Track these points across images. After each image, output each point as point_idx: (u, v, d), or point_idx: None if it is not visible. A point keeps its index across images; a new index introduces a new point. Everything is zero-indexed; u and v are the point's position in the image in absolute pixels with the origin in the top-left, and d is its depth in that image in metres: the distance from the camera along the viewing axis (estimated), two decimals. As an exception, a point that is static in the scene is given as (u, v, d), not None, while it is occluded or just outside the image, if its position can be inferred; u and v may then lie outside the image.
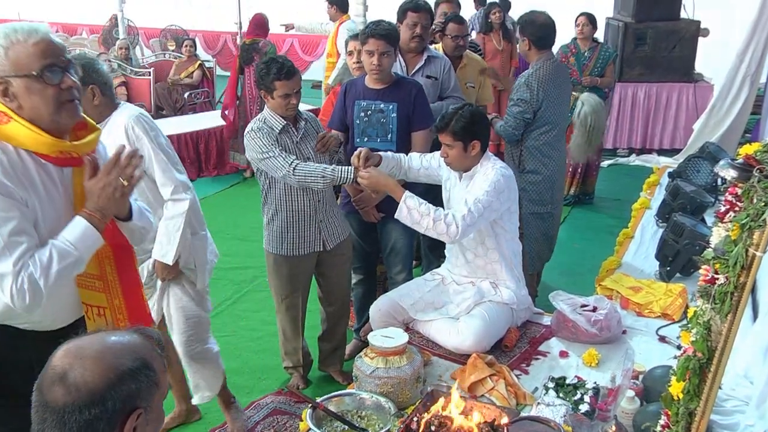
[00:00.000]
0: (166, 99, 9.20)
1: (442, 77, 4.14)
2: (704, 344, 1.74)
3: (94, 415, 1.17)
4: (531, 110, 4.00)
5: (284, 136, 3.28)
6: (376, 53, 3.42)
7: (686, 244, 3.49)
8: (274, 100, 3.23)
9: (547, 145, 4.06)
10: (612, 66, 6.38)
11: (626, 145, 8.19)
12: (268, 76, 3.18)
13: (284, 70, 3.16)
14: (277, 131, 3.26)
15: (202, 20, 12.85)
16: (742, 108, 6.89)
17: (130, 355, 1.23)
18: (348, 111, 3.64)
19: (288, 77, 3.18)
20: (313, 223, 3.40)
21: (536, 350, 2.95)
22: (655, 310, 3.24)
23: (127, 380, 1.20)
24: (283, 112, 3.26)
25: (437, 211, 2.84)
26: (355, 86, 3.67)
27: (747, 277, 1.65)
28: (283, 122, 3.27)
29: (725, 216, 1.88)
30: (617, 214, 5.90)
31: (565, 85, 4.17)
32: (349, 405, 2.45)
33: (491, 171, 2.96)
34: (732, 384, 2.50)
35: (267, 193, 3.43)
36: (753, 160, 1.77)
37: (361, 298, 4.03)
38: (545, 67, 4.04)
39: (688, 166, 4.82)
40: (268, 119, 3.29)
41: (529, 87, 3.99)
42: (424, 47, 4.15)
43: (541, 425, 2.16)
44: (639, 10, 7.81)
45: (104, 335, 1.24)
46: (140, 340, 1.27)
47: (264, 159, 3.21)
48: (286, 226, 3.40)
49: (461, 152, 2.96)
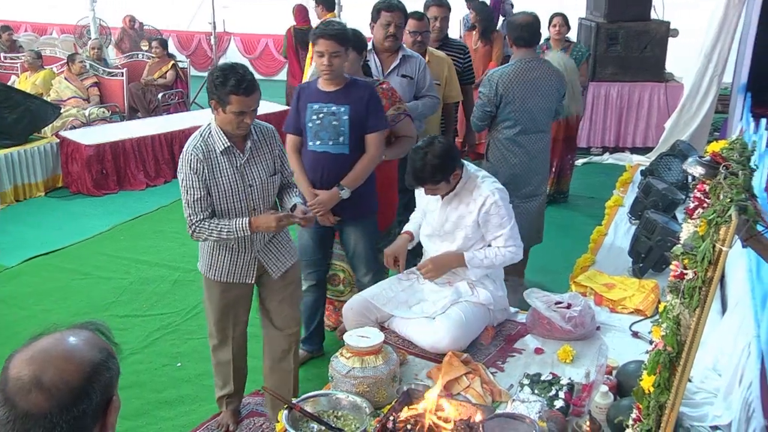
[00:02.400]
0: (140, 100, 9.10)
1: (417, 76, 4.15)
2: (674, 338, 1.77)
3: (81, 410, 1.17)
4: (491, 104, 4.12)
5: (225, 158, 2.88)
6: (326, 54, 3.30)
7: (658, 240, 3.54)
8: (225, 115, 2.81)
9: (510, 140, 4.14)
10: (585, 65, 6.45)
11: (600, 144, 8.27)
12: (224, 86, 2.76)
13: (243, 84, 2.76)
14: (217, 152, 2.87)
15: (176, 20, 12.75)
16: (711, 107, 7.02)
17: (95, 348, 1.24)
18: (301, 114, 3.52)
19: (247, 93, 2.77)
20: (249, 254, 3.07)
21: (512, 347, 2.97)
22: (628, 306, 3.28)
23: (102, 371, 1.21)
24: (231, 129, 2.86)
25: (496, 258, 3.06)
26: (308, 89, 3.56)
27: (714, 271, 1.68)
28: (227, 143, 2.87)
29: (694, 212, 1.91)
30: (591, 212, 5.95)
31: (539, 86, 4.15)
32: (325, 405, 2.45)
33: (489, 197, 2.99)
34: (701, 377, 2.55)
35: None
36: (719, 157, 1.81)
37: (310, 307, 3.87)
38: (516, 66, 4.12)
39: (660, 164, 4.89)
40: (210, 137, 2.88)
41: (490, 82, 4.12)
42: (399, 47, 4.15)
43: (516, 422, 2.18)
44: (611, 11, 7.89)
45: (59, 336, 1.24)
46: (92, 333, 1.28)
47: (183, 195, 2.89)
48: (218, 250, 3.06)
49: (447, 186, 3.02)
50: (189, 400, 3.67)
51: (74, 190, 7.04)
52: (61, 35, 12.91)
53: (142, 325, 4.43)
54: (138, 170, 7.28)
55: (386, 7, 4.07)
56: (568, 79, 5.23)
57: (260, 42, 13.30)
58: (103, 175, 7.03)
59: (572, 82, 5.66)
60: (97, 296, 4.84)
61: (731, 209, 1.64)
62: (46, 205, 6.75)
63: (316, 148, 3.49)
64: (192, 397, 3.69)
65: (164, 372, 3.93)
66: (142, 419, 3.51)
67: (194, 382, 3.81)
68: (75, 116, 7.87)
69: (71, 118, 7.81)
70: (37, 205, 6.76)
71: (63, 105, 7.95)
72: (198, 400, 3.65)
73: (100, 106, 8.32)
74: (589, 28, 8.20)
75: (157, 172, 7.42)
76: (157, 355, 4.10)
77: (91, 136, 7.25)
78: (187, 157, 2.85)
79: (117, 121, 8.41)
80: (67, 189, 7.11)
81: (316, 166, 3.53)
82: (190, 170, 2.84)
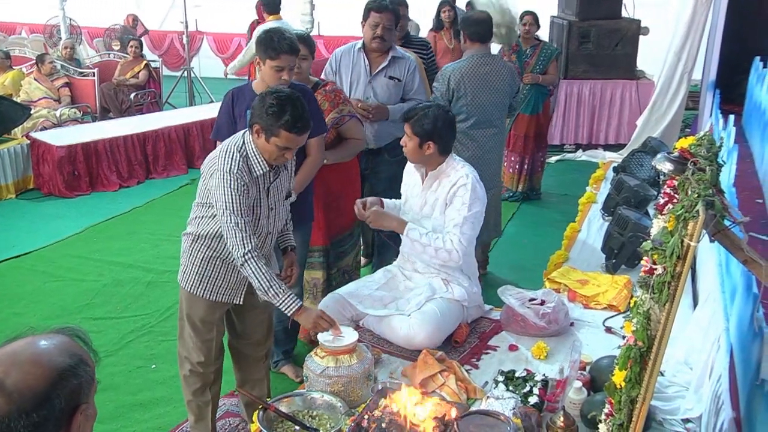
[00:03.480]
0: (112, 100, 9.00)
1: (405, 79, 4.13)
2: (644, 333, 1.79)
3: (41, 416, 1.15)
4: (443, 99, 4.24)
5: (259, 179, 2.72)
6: (286, 69, 3.15)
7: (630, 236, 3.58)
8: (268, 144, 2.62)
9: (463, 134, 4.25)
10: (555, 63, 6.50)
11: (573, 141, 8.35)
12: (277, 118, 2.56)
13: (299, 123, 2.58)
14: (253, 175, 2.69)
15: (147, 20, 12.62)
16: (681, 104, 7.12)
17: (65, 353, 1.21)
18: (238, 120, 3.30)
19: (300, 132, 2.60)
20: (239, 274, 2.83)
21: (486, 345, 2.99)
22: (601, 302, 3.32)
23: (69, 377, 1.19)
24: (269, 158, 2.67)
25: (437, 240, 2.96)
26: (242, 94, 3.33)
27: (683, 266, 1.71)
28: (266, 168, 2.69)
29: (664, 208, 1.94)
30: (565, 209, 6.00)
31: (491, 81, 4.32)
32: (300, 405, 2.44)
33: (462, 178, 3.00)
34: (673, 371, 2.58)
35: (205, 223, 2.80)
36: (687, 153, 1.83)
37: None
38: (468, 61, 4.28)
39: (632, 161, 4.95)
40: (250, 158, 2.68)
41: (443, 77, 4.27)
42: (389, 47, 4.13)
43: (490, 418, 2.19)
44: (582, 9, 7.97)
45: (31, 339, 1.22)
46: (68, 338, 1.25)
47: (229, 218, 2.62)
48: (211, 266, 2.83)
49: (416, 148, 3.04)
50: (164, 402, 3.64)
51: (46, 191, 6.94)
52: (30, 35, 12.72)
53: (116, 327, 4.38)
54: (111, 171, 7.20)
55: (376, 8, 4.05)
56: (504, 20, 5.44)
57: (233, 41, 13.20)
58: (75, 176, 6.94)
59: (507, 20, 5.70)
60: (70, 299, 4.78)
61: (698, 204, 1.66)
62: (17, 207, 6.65)
63: None
64: (167, 399, 3.65)
65: (139, 374, 3.89)
66: (116, 422, 3.47)
67: (169, 384, 3.77)
68: (46, 117, 7.77)
69: (42, 119, 7.71)
70: (7, 207, 6.66)
71: (33, 106, 7.83)
72: (173, 402, 3.61)
73: (71, 107, 8.21)
74: (561, 26, 8.26)
75: (130, 173, 7.33)
76: (132, 357, 4.06)
77: (63, 137, 7.15)
78: (234, 178, 2.61)
79: (89, 121, 8.31)
80: (39, 191, 7.01)
81: None
82: (237, 193, 2.60)
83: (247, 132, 2.71)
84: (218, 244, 2.78)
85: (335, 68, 4.20)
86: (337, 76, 4.19)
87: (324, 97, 3.62)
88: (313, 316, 2.65)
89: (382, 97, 4.11)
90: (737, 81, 5.23)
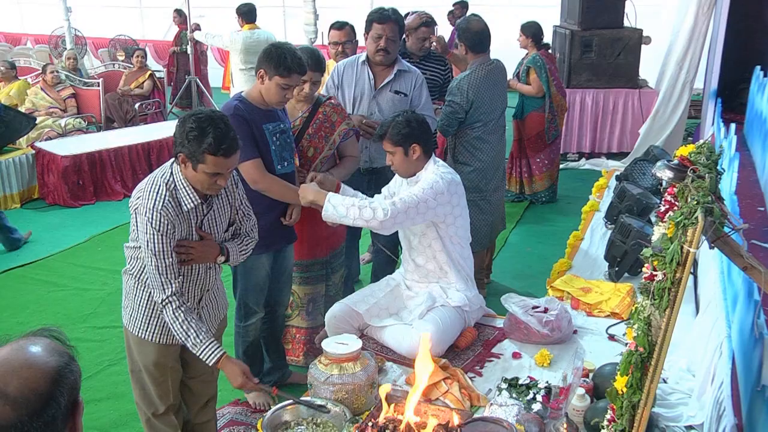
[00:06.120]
0: (117, 110, 9.05)
1: (412, 93, 3.98)
2: (645, 339, 1.80)
3: (51, 415, 1.18)
4: (462, 111, 4.27)
5: (190, 213, 2.51)
6: (292, 88, 3.14)
7: (633, 244, 3.59)
8: (197, 173, 2.40)
9: (478, 139, 4.35)
10: (534, 73, 6.48)
11: (576, 150, 8.36)
12: (198, 143, 2.34)
13: (224, 144, 2.35)
14: (183, 210, 2.47)
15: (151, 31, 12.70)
16: (684, 112, 7.15)
17: (55, 352, 1.24)
18: (259, 138, 3.15)
19: (227, 154, 2.37)
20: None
21: (489, 352, 3.00)
22: (604, 310, 3.32)
23: (66, 374, 1.22)
24: (201, 189, 2.47)
25: (362, 201, 2.94)
26: (248, 110, 3.13)
27: (683, 272, 1.72)
28: (197, 201, 2.49)
29: (665, 215, 1.95)
30: (568, 217, 6.02)
31: (499, 84, 4.46)
32: (304, 413, 2.46)
33: (432, 175, 3.02)
34: (676, 378, 2.59)
35: (141, 264, 2.54)
36: (687, 161, 1.85)
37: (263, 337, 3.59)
38: (478, 71, 4.31)
39: (634, 169, 4.96)
40: (179, 190, 2.46)
41: (461, 90, 4.26)
42: (395, 60, 3.97)
43: (494, 425, 2.20)
44: (584, 18, 7.99)
45: (16, 345, 1.24)
46: (49, 339, 1.28)
47: (150, 260, 2.43)
48: (156, 307, 2.58)
49: (403, 157, 3.06)
50: (168, 410, 3.64)
51: (50, 201, 6.98)
52: (35, 45, 12.81)
53: (120, 337, 4.27)
54: (115, 181, 7.24)
55: (378, 19, 3.88)
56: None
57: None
58: (80, 186, 6.99)
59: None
60: (74, 308, 4.80)
61: (698, 211, 1.68)
62: (22, 217, 6.67)
63: (286, 170, 3.27)
64: (171, 408, 3.66)
65: (143, 383, 3.90)
66: (120, 430, 3.49)
67: (173, 393, 3.78)
68: (51, 127, 7.81)
69: (47, 129, 7.75)
70: (12, 216, 6.66)
71: (39, 115, 7.88)
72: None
73: (76, 117, 8.26)
74: (563, 35, 8.29)
75: (134, 183, 7.33)
76: (136, 366, 4.06)
77: (67, 146, 7.20)
78: (156, 217, 2.39)
79: (93, 131, 8.35)
80: (43, 200, 7.05)
81: None
82: (159, 233, 2.40)
83: (174, 162, 2.49)
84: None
85: (338, 82, 4.05)
86: (339, 90, 4.04)
87: (333, 110, 3.59)
88: (237, 370, 2.45)
89: (387, 112, 3.86)
90: (738, 90, 5.25)
